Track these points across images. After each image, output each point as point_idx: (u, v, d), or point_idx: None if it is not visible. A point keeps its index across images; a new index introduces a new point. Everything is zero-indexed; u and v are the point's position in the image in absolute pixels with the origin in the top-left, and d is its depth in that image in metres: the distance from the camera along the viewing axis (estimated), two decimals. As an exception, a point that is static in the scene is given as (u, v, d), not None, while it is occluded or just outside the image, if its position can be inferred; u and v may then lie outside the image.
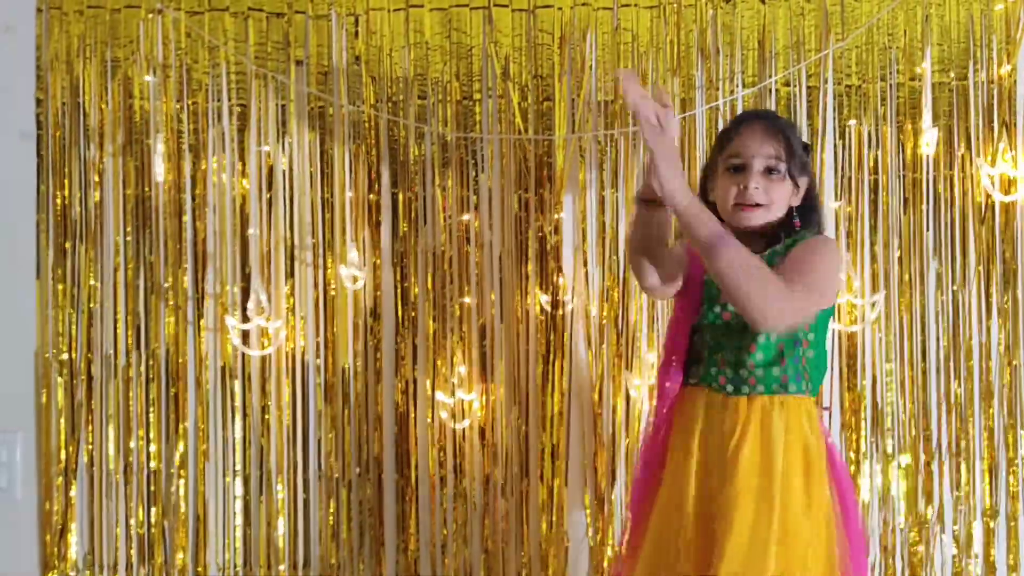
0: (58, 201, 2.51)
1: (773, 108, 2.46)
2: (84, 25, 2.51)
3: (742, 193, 1.80)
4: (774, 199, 1.81)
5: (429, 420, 2.48)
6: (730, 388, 1.81)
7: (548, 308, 2.47)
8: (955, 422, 2.46)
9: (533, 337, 2.48)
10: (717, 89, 2.48)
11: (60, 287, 2.51)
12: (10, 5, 2.53)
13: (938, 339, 2.47)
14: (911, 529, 2.46)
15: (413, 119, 2.49)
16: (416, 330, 2.49)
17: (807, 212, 1.88)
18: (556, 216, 2.48)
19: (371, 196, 2.50)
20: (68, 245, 2.51)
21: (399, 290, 2.50)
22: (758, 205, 1.80)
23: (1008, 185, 2.46)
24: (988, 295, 2.48)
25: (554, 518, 2.46)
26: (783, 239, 1.85)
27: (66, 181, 2.51)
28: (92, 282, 2.51)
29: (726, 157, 1.84)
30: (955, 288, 2.47)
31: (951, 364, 2.47)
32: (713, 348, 1.84)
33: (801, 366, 1.81)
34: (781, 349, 1.80)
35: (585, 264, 2.48)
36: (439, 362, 2.47)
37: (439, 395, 2.46)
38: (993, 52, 2.48)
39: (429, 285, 2.49)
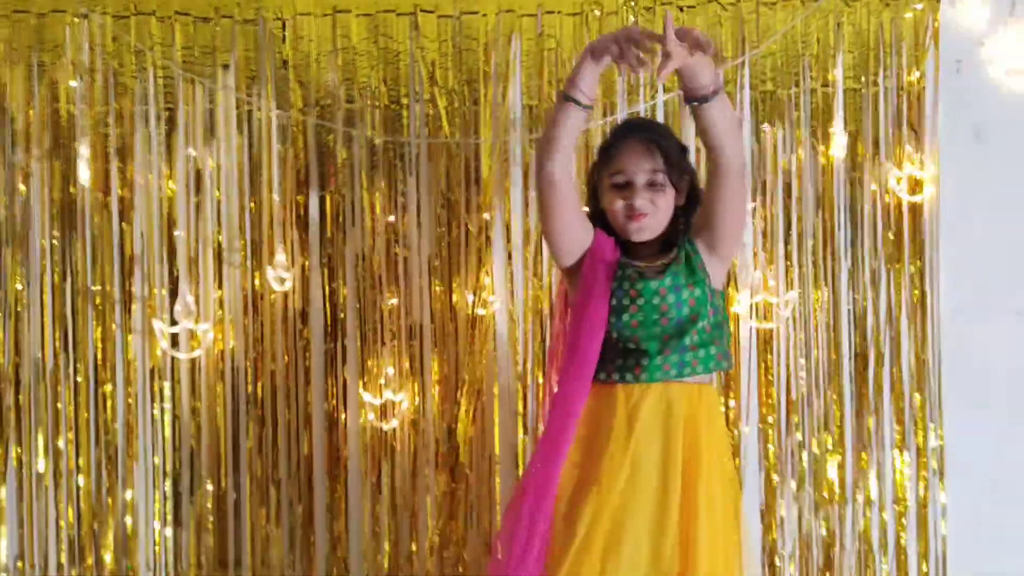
0: (-16, 204, 2.52)
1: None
2: (10, 29, 2.52)
3: (630, 207, 1.91)
4: (660, 207, 1.93)
5: (360, 420, 2.51)
6: (674, 372, 1.90)
7: (474, 307, 2.52)
8: (865, 415, 2.56)
9: (460, 336, 2.53)
10: (638, 95, 2.55)
11: (-14, 290, 2.52)
12: (-65, 10, 2.52)
13: (850, 336, 2.57)
14: (823, 516, 2.55)
15: (341, 123, 2.53)
16: (345, 331, 2.53)
17: (693, 206, 2.00)
18: (482, 218, 2.53)
19: (299, 199, 2.53)
20: (-6, 248, 2.52)
21: (327, 291, 2.54)
22: (646, 215, 1.91)
23: (915, 186, 2.56)
24: (899, 293, 2.58)
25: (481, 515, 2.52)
26: (679, 241, 1.96)
27: (-8, 184, 2.52)
28: (19, 286, 2.52)
29: (610, 174, 1.94)
30: (866, 286, 2.57)
31: (862, 360, 2.56)
32: (658, 340, 1.90)
33: (726, 344, 1.98)
34: (708, 331, 1.92)
35: (510, 264, 2.54)
36: (368, 362, 2.51)
37: (367, 396, 2.50)
38: (903, 59, 2.58)
39: (357, 286, 2.53)
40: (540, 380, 2.51)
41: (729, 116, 1.86)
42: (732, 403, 2.55)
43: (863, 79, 2.57)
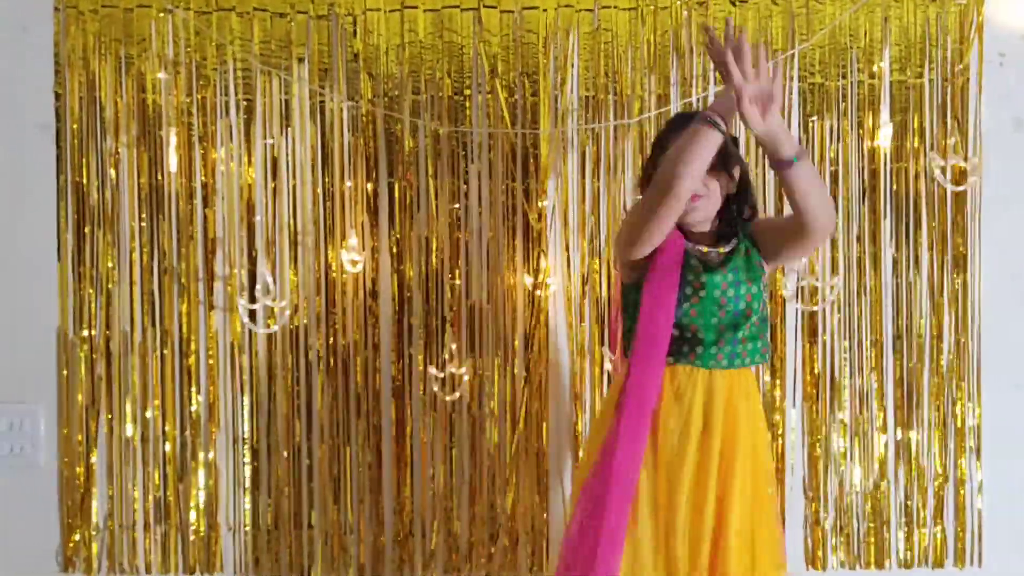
0: (77, 189, 2.69)
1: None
2: (99, 24, 2.68)
3: None
4: (712, 190, 2.06)
5: (422, 392, 2.68)
6: (725, 362, 2.04)
7: (532, 288, 2.67)
8: (906, 395, 2.68)
9: (519, 315, 2.68)
10: (691, 86, 2.67)
11: (80, 269, 2.69)
12: (29, 4, 2.68)
13: (893, 318, 2.68)
14: (865, 494, 2.68)
15: (408, 114, 2.67)
16: (412, 309, 2.68)
17: (743, 195, 2.12)
18: (540, 204, 2.67)
19: (369, 185, 2.68)
20: (87, 230, 2.69)
21: (396, 272, 2.69)
22: (700, 196, 2.03)
23: (959, 176, 2.66)
24: (941, 278, 2.68)
25: (537, 480, 2.67)
26: (735, 231, 2.10)
27: (84, 170, 2.69)
28: (109, 264, 2.70)
29: None
30: (909, 271, 2.68)
31: (903, 342, 2.68)
32: (714, 330, 2.03)
33: (768, 337, 2.14)
34: (758, 324, 2.07)
35: (567, 248, 2.68)
36: (433, 339, 2.66)
37: (432, 369, 2.65)
38: (947, 52, 2.67)
39: (423, 268, 2.68)
40: (598, 356, 2.65)
41: (812, 181, 1.93)
42: (778, 382, 2.68)
43: (908, 71, 2.67)
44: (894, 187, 2.68)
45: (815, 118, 2.67)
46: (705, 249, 2.07)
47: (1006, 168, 2.67)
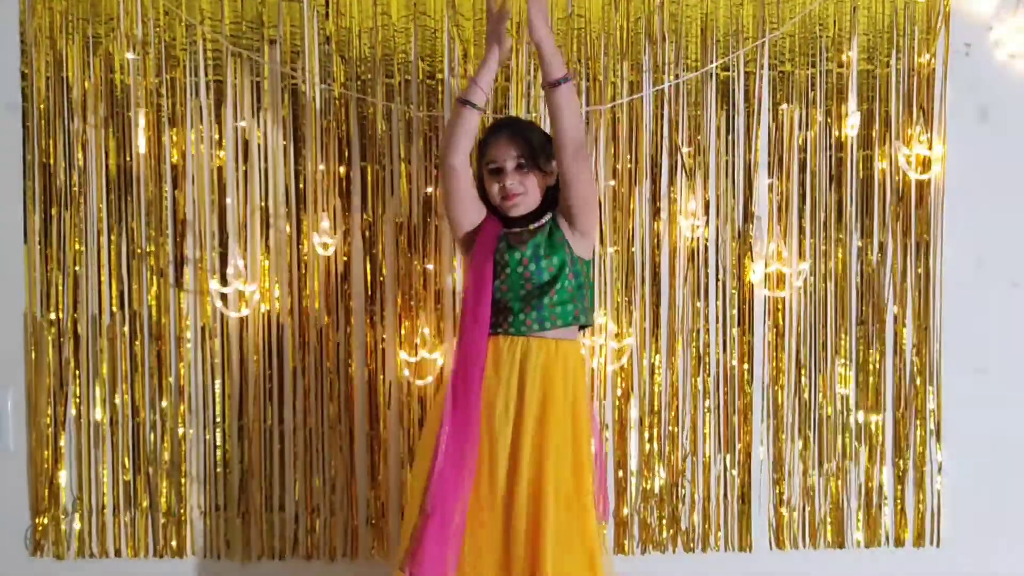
0: (44, 170, 2.66)
1: (712, 92, 2.69)
2: (66, 2, 2.64)
3: (503, 189, 2.28)
4: (528, 187, 2.30)
5: (395, 376, 2.69)
6: (536, 327, 2.24)
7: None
8: (869, 378, 2.74)
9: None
10: (663, 73, 2.69)
11: (47, 251, 2.67)
12: (-6, -19, 2.65)
13: (858, 304, 2.74)
14: (828, 475, 2.74)
15: (381, 97, 2.66)
16: (384, 294, 2.69)
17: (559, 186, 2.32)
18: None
19: (341, 169, 2.68)
20: (53, 211, 2.66)
21: (367, 256, 2.69)
22: (517, 194, 2.27)
23: (923, 164, 2.71)
24: (904, 265, 2.74)
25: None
26: (545, 218, 2.31)
27: (51, 151, 2.66)
28: (77, 246, 2.67)
29: (486, 163, 2.31)
30: (873, 258, 2.73)
31: (867, 327, 2.73)
32: (521, 300, 2.24)
33: (586, 303, 2.31)
34: (570, 291, 2.26)
35: (539, 233, 2.69)
36: (405, 323, 2.67)
37: (403, 354, 2.66)
38: (915, 42, 2.71)
39: (395, 252, 2.69)
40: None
41: (573, 104, 2.20)
42: (747, 366, 2.72)
43: (876, 61, 2.71)
44: (860, 175, 2.72)
45: (784, 106, 2.70)
46: (518, 230, 2.29)
47: (970, 157, 2.72)
